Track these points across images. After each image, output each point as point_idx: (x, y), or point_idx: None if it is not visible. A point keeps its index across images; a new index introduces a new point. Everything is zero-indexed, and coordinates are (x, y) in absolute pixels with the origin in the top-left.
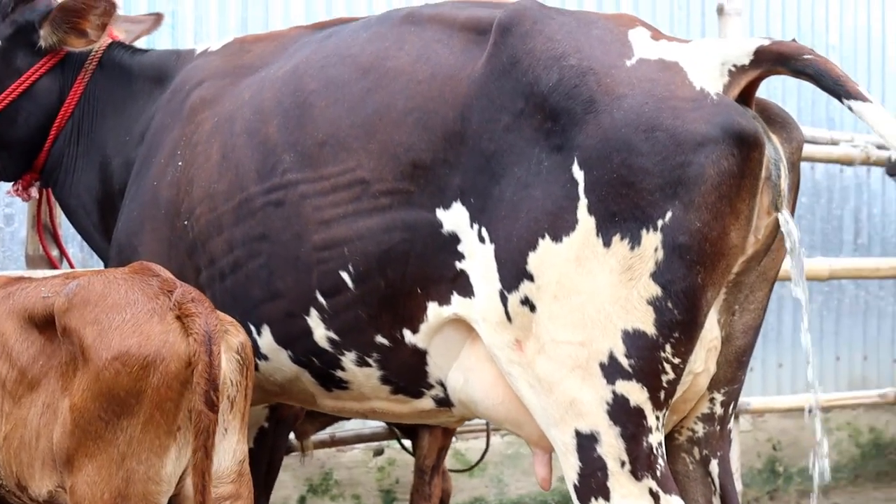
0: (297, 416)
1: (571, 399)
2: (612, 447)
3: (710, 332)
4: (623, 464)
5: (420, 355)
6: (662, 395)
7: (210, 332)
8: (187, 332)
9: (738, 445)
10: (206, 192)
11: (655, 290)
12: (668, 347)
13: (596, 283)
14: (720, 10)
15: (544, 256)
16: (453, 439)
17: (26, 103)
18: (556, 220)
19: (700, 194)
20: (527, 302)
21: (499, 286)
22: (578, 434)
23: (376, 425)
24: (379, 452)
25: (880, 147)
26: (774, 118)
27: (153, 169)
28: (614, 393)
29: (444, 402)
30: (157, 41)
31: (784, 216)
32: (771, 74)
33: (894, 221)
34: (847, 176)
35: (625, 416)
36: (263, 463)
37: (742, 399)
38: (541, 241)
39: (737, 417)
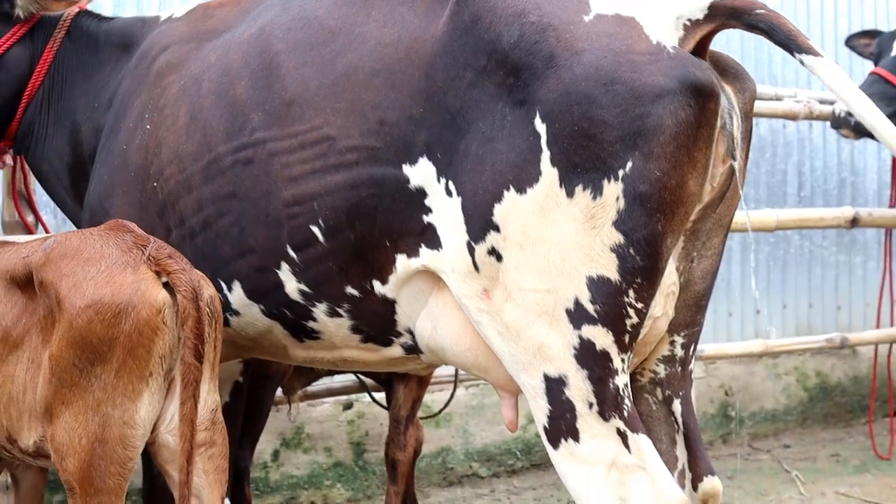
0: (284, 373)
1: (539, 344)
2: (579, 390)
3: (669, 278)
4: (591, 405)
5: (389, 305)
6: (627, 338)
7: (195, 288)
8: (173, 289)
9: (693, 391)
10: (175, 153)
11: (618, 238)
12: (631, 292)
13: (560, 233)
14: None
15: (510, 208)
16: None
17: None
18: (521, 172)
19: (659, 144)
20: (493, 252)
21: (466, 238)
22: (547, 378)
23: (346, 379)
24: (348, 406)
25: (823, 102)
26: (728, 69)
27: (122, 133)
28: (580, 337)
29: (413, 350)
30: (124, 9)
31: (738, 164)
32: (724, 28)
33: (835, 174)
34: (790, 132)
35: (591, 360)
36: (240, 415)
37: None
38: (506, 192)
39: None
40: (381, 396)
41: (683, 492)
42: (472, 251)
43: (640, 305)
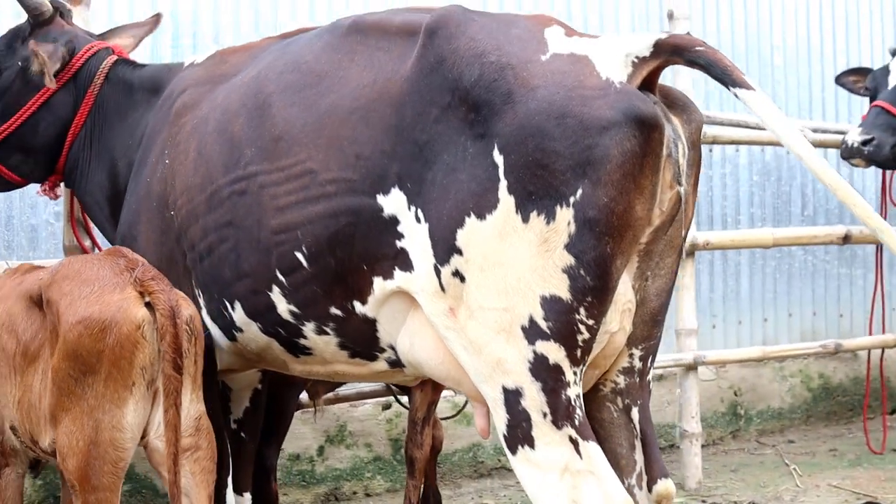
0: (307, 380)
1: (498, 359)
2: (534, 400)
3: (625, 296)
4: (545, 415)
5: (370, 323)
6: (579, 352)
7: (173, 307)
8: (153, 307)
9: (702, 392)
10: (186, 184)
11: (569, 260)
12: (582, 310)
13: (516, 255)
14: (670, 16)
15: (471, 233)
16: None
17: (46, 114)
18: (481, 200)
19: (606, 173)
20: (457, 274)
21: (433, 261)
22: (505, 390)
23: (377, 385)
24: (387, 407)
25: (816, 130)
26: (675, 102)
27: (147, 167)
28: (535, 352)
29: (397, 364)
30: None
31: (684, 189)
32: (669, 64)
33: None
34: (793, 157)
35: (545, 373)
36: (260, 419)
37: (698, 353)
38: (467, 219)
39: (693, 369)
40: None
41: (642, 492)
42: (438, 273)
43: (590, 322)
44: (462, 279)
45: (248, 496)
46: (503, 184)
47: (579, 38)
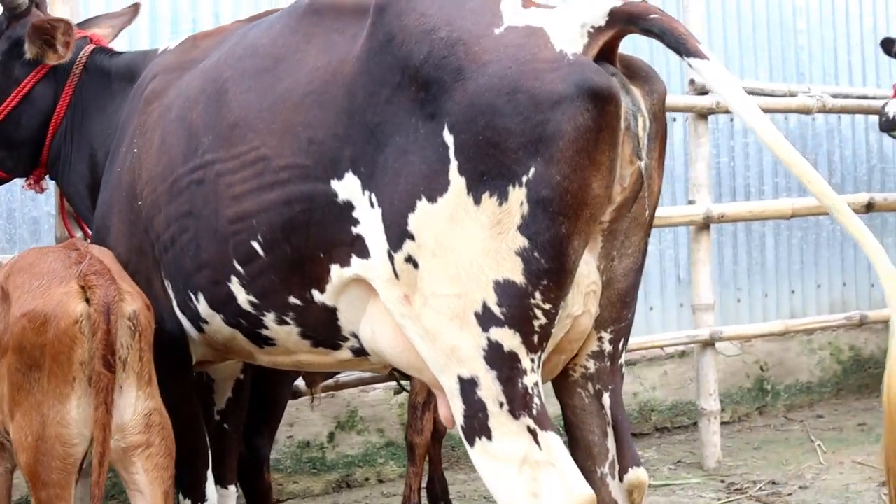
0: None
1: (452, 347)
2: (490, 390)
3: (588, 278)
4: (501, 405)
5: (331, 312)
6: (536, 338)
7: (108, 303)
8: (90, 303)
9: (726, 368)
10: (150, 174)
11: (523, 242)
12: (537, 295)
13: (469, 239)
14: None
15: (422, 217)
16: None
17: (27, 107)
18: (431, 183)
19: (559, 149)
20: (410, 260)
21: (387, 246)
22: (461, 379)
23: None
24: (398, 392)
25: (836, 96)
26: (637, 73)
27: (119, 157)
28: (489, 339)
29: (361, 352)
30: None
31: (643, 164)
32: (626, 34)
33: (864, 161)
34: (819, 124)
35: (500, 361)
36: (244, 410)
37: (715, 328)
38: (418, 202)
39: (710, 345)
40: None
41: (615, 481)
42: (392, 259)
43: (547, 307)
44: (415, 265)
45: (232, 489)
46: (454, 165)
47: (536, 9)
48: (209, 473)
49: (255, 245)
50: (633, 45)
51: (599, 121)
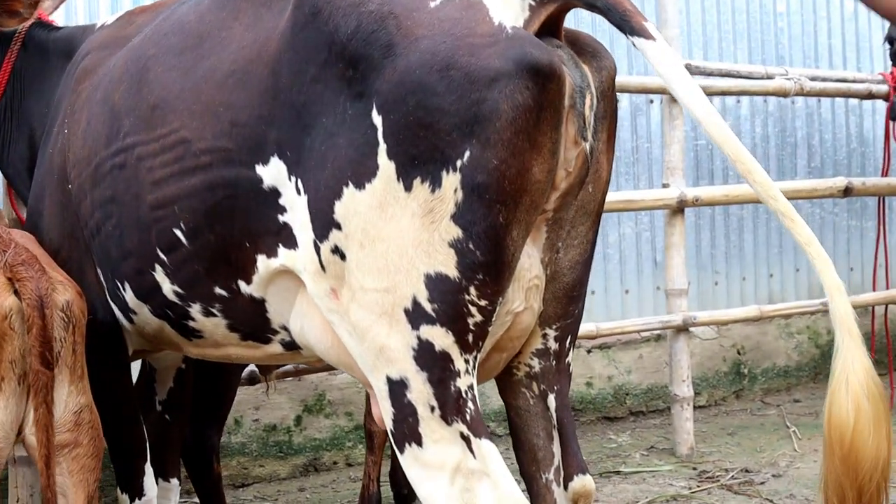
0: None
1: (381, 345)
2: (420, 393)
3: (530, 271)
4: (433, 409)
5: (258, 304)
6: (471, 337)
7: (41, 296)
8: (20, 296)
9: (702, 352)
10: (77, 157)
11: (456, 232)
12: (472, 290)
13: (399, 229)
14: None
15: (349, 205)
16: None
17: None
18: (359, 168)
19: (496, 131)
20: (337, 251)
21: (312, 236)
22: (389, 380)
23: None
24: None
25: (814, 79)
26: (585, 48)
27: (52, 137)
28: (419, 338)
29: (292, 346)
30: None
31: (589, 146)
32: (570, 7)
33: (844, 145)
34: (798, 107)
35: (431, 362)
36: (187, 400)
37: (689, 314)
38: (345, 189)
39: (684, 331)
40: None
41: (560, 489)
42: (318, 250)
43: (483, 303)
44: (342, 256)
45: (175, 482)
46: (382, 148)
47: None
48: (147, 467)
49: (178, 233)
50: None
51: (540, 99)
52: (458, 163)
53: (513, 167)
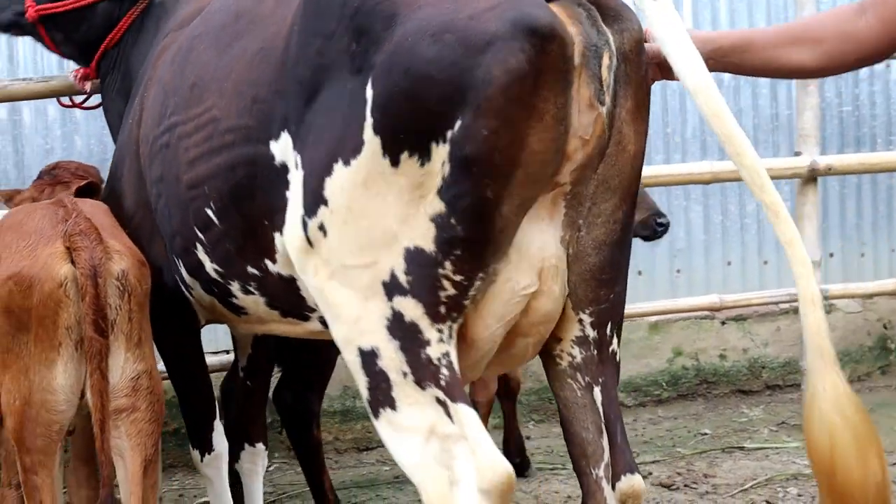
0: None
1: (356, 318)
2: (391, 360)
3: (543, 251)
4: (405, 374)
5: (289, 282)
6: (443, 308)
7: (95, 265)
8: (75, 265)
9: (846, 325)
10: (143, 134)
11: (440, 207)
12: (447, 264)
13: (384, 206)
14: None
15: (337, 181)
16: None
17: (88, 16)
18: (347, 143)
19: (487, 98)
20: (322, 228)
21: (302, 212)
22: (361, 352)
23: None
24: None
25: None
26: (607, 10)
27: (132, 107)
28: (392, 309)
29: None
30: None
31: (607, 110)
32: None
33: None
34: None
35: (400, 331)
36: (268, 366)
37: (823, 286)
38: (335, 165)
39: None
40: None
41: (609, 486)
42: (305, 227)
43: (458, 278)
44: (325, 233)
45: (261, 447)
46: (369, 122)
47: None
48: (217, 424)
49: (210, 212)
50: None
51: (538, 62)
52: (449, 133)
53: (504, 138)
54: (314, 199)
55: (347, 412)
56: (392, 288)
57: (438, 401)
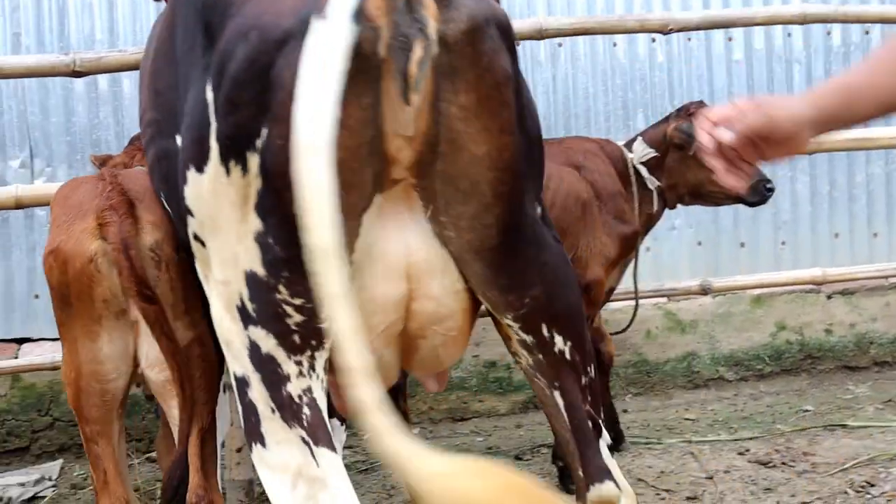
0: None
1: (227, 341)
2: (259, 392)
3: (407, 249)
4: (273, 410)
5: None
6: (297, 339)
7: (124, 238)
8: (106, 240)
9: None
10: None
11: (258, 225)
12: (281, 289)
13: (228, 219)
14: None
15: (194, 189)
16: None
17: None
18: (198, 150)
19: (279, 103)
20: (197, 238)
21: (178, 219)
22: (236, 377)
23: None
24: None
25: None
26: None
27: None
28: (249, 338)
29: None
30: None
31: (416, 104)
32: None
33: None
34: None
35: (261, 363)
36: None
37: None
38: (188, 173)
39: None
40: None
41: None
42: (185, 234)
43: (298, 302)
44: (203, 244)
45: (335, 422)
46: (213, 127)
47: None
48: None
49: (163, 198)
50: None
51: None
52: (258, 142)
53: None
54: (182, 208)
55: None
56: (245, 315)
57: (304, 441)
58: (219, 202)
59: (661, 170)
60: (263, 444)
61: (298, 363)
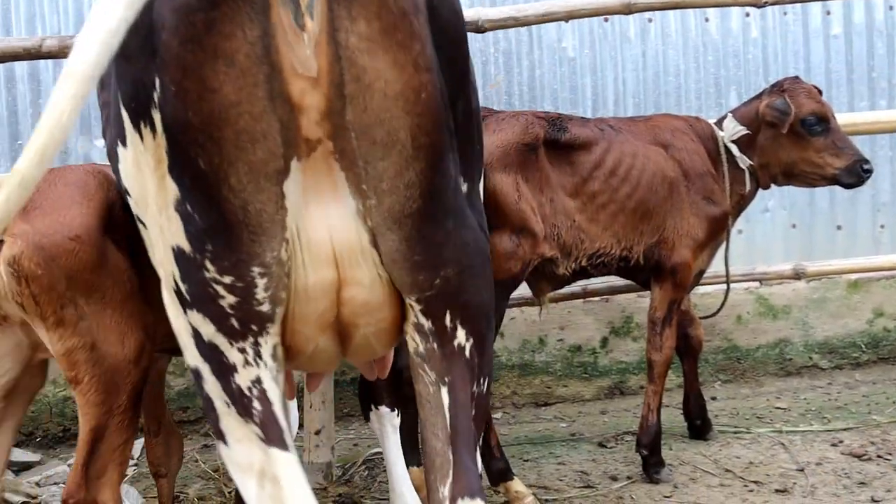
0: (515, 278)
1: (177, 331)
2: (212, 385)
3: (332, 231)
4: (227, 404)
5: None
6: (235, 323)
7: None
8: None
9: None
10: None
11: (174, 190)
12: (208, 265)
13: (151, 190)
14: None
15: (124, 166)
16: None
17: None
18: (117, 122)
19: (164, 47)
20: (140, 220)
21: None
22: (191, 370)
23: (600, 281)
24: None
25: None
26: None
27: None
28: (190, 324)
29: None
30: None
31: (317, 34)
32: None
33: None
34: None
35: (207, 352)
36: None
37: None
38: (117, 150)
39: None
40: None
41: None
42: (133, 218)
43: (227, 280)
44: (144, 224)
45: (384, 409)
46: (119, 93)
47: None
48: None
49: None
50: None
51: None
52: (155, 95)
53: (192, 91)
54: (124, 188)
55: (526, 366)
56: (182, 298)
57: (260, 437)
58: (142, 174)
59: (754, 149)
60: (226, 443)
61: (242, 350)
